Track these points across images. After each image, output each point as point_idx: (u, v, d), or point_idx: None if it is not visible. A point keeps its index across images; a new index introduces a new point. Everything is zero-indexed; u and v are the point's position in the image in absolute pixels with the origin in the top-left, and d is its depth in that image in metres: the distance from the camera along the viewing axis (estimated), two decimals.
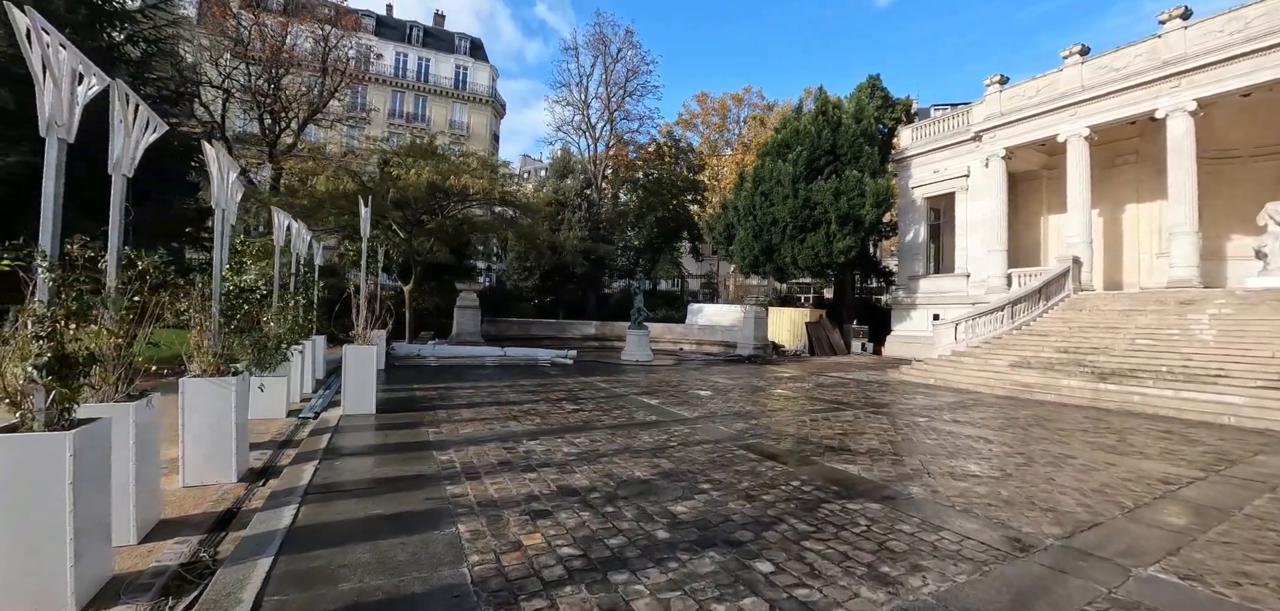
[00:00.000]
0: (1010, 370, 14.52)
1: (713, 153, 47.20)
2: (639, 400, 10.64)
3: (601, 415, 8.98)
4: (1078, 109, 20.71)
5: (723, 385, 13.45)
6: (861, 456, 6.71)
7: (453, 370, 14.74)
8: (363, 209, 8.69)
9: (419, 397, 10.33)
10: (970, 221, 24.52)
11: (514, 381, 12.93)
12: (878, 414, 9.96)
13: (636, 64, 35.58)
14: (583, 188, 28.89)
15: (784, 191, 23.49)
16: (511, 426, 7.91)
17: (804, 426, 8.52)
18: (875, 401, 11.57)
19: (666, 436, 7.49)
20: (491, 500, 4.79)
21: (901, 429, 8.61)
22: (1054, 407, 11.52)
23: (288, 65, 28.30)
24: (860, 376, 16.50)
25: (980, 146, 23.93)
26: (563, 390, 11.74)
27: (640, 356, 18.84)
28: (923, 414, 10.13)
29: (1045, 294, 18.60)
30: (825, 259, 23.03)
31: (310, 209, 14.62)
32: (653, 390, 12.16)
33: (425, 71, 51.66)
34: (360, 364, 8.57)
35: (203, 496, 5.13)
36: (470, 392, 11.00)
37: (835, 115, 24.83)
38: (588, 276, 31.03)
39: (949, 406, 11.16)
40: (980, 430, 8.74)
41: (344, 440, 6.97)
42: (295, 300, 10.23)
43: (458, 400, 10.08)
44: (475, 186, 15.56)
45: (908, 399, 12.11)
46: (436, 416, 8.52)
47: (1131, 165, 23.06)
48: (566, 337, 26.05)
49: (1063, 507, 5.06)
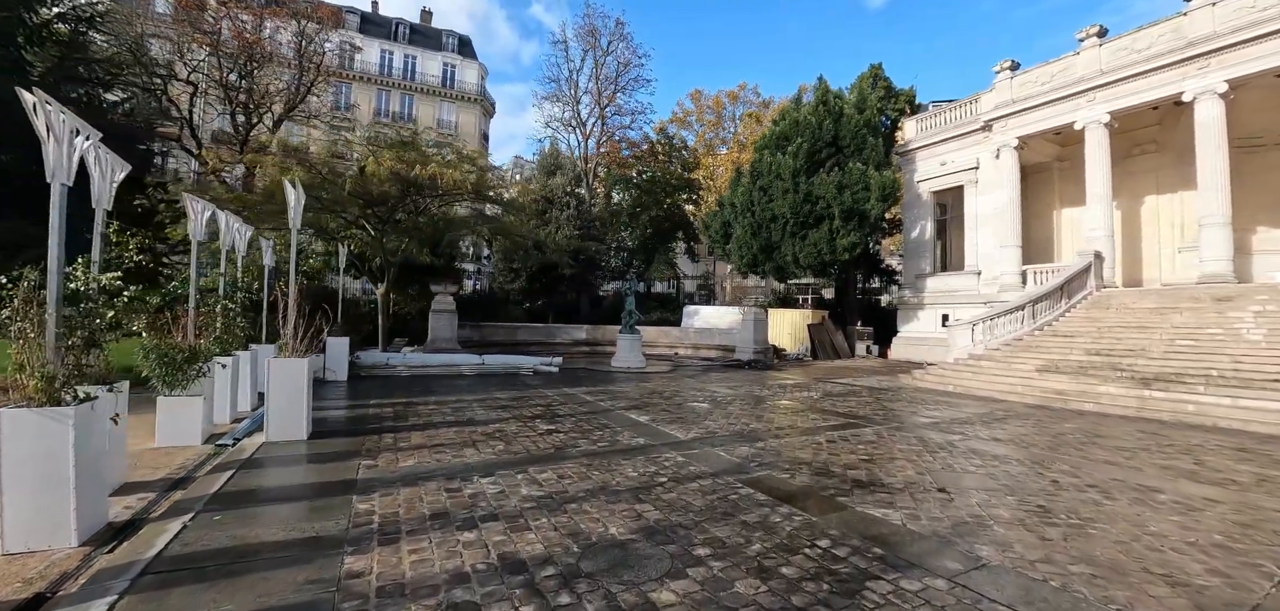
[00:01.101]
0: (1038, 375, 13.18)
1: (708, 151, 45.87)
2: (625, 417, 9.24)
3: (579, 437, 7.57)
4: (1096, 94, 19.45)
5: (722, 396, 12.06)
6: (899, 494, 5.33)
7: (422, 382, 13.30)
8: (291, 193, 7.26)
9: (370, 416, 8.90)
10: (980, 216, 23.23)
11: (488, 394, 11.51)
12: (902, 431, 8.58)
13: (628, 57, 34.30)
14: (571, 184, 27.44)
15: (784, 185, 22.16)
16: (466, 456, 6.49)
17: (820, 450, 7.12)
18: (894, 414, 10.20)
19: (654, 468, 6.09)
20: (399, 584, 3.39)
21: (935, 452, 7.22)
22: (1097, 419, 10.17)
23: (261, 59, 26.87)
24: (871, 383, 15.14)
25: (990, 136, 22.65)
26: (540, 404, 10.33)
27: (632, 363, 17.44)
28: (952, 429, 8.76)
29: (1067, 291, 17.30)
30: (828, 257, 21.70)
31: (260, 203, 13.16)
32: (643, 403, 10.75)
33: (412, 69, 50.21)
34: (287, 381, 7.14)
35: (14, 573, 3.72)
36: (432, 409, 9.57)
37: (836, 105, 23.53)
38: (579, 278, 29.62)
39: (980, 419, 9.80)
40: (1027, 451, 7.37)
41: (249, 479, 5.55)
42: (223, 305, 8.80)
43: (414, 420, 8.66)
44: (447, 177, 14.14)
45: (930, 410, 10.74)
46: (380, 442, 7.10)
47: (1150, 155, 21.83)
48: (555, 343, 24.62)
49: (1191, 577, 3.68)
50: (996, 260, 22.17)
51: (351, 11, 49.69)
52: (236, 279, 9.52)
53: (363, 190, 13.96)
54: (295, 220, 7.33)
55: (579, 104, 34.50)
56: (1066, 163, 23.93)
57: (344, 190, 13.28)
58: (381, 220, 16.04)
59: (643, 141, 38.42)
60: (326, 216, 14.46)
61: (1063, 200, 23.99)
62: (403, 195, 15.22)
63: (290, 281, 7.29)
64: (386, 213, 15.99)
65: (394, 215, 16.26)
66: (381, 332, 17.91)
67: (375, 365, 14.26)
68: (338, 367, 13.19)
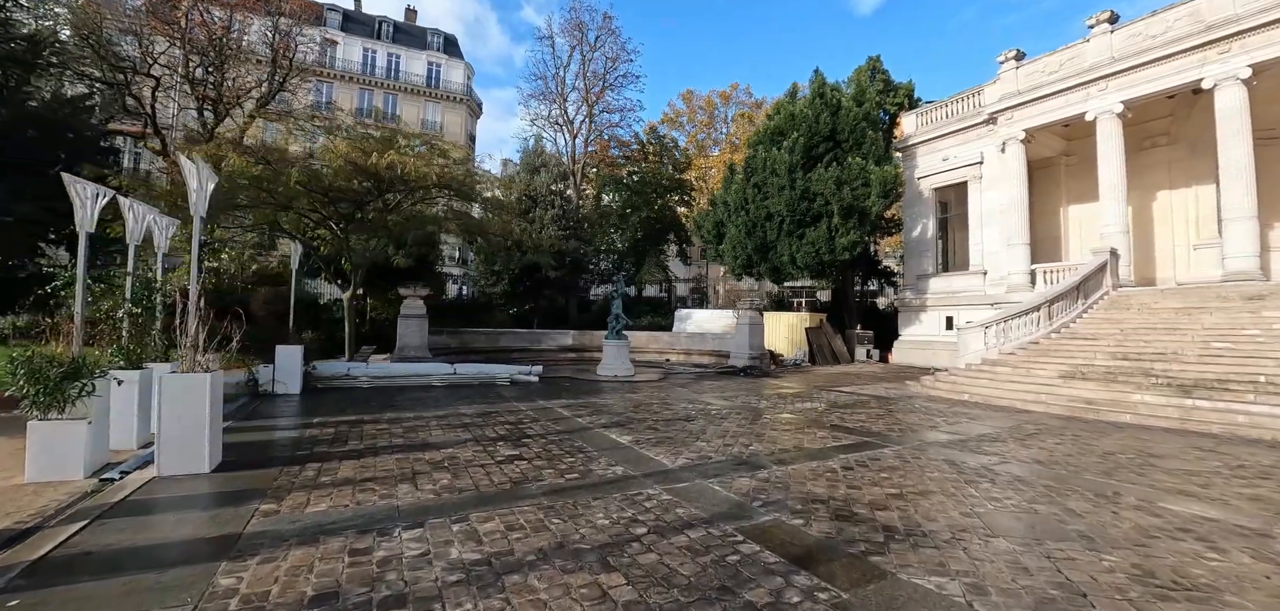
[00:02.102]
0: (1061, 382, 12.02)
1: (700, 152, 44.76)
2: (605, 437, 7.96)
3: (545, 466, 6.28)
4: (1108, 82, 18.44)
5: (716, 409, 10.81)
6: (948, 548, 4.09)
7: (383, 395, 11.96)
8: (192, 174, 5.94)
9: (303, 439, 7.57)
10: (985, 213, 22.16)
11: (452, 410, 10.20)
12: (926, 452, 7.36)
13: (616, 53, 33.10)
14: (556, 182, 26.10)
15: (780, 182, 20.98)
16: (399, 495, 5.20)
17: (836, 481, 5.88)
18: (912, 430, 8.98)
19: (632, 511, 4.82)
20: None
21: (973, 481, 6.00)
22: (1138, 433, 8.99)
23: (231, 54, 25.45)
24: (878, 392, 13.94)
25: (995, 129, 21.61)
26: (508, 422, 9.03)
27: (619, 370, 16.16)
28: (983, 448, 7.54)
29: (1083, 291, 16.20)
30: (827, 257, 20.53)
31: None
32: (627, 418, 9.47)
33: (395, 68, 48.81)
34: (183, 401, 5.82)
35: None
36: (381, 429, 8.25)
37: (834, 98, 22.42)
38: (566, 282, 28.31)
39: (1010, 435, 8.59)
40: (1080, 478, 6.16)
41: (99, 534, 4.24)
42: (127, 309, 7.45)
43: (355, 443, 7.34)
44: (408, 168, 12.79)
45: (950, 424, 9.53)
46: (298, 476, 5.79)
47: (1162, 148, 20.86)
48: (540, 349, 23.31)
49: None
50: (1003, 259, 21.10)
51: (333, 9, 48.29)
52: (150, 280, 8.16)
53: (314, 182, 12.57)
54: (198, 206, 6.01)
55: (566, 102, 33.28)
56: (1073, 157, 22.95)
57: (290, 181, 11.89)
58: (345, 218, 14.69)
59: (633, 141, 37.22)
60: (278, 213, 13.06)
61: (1070, 197, 22.99)
62: (367, 190, 13.89)
63: (191, 279, 5.97)
64: (350, 210, 14.64)
65: (359, 212, 14.91)
66: (348, 339, 16.53)
67: (334, 376, 12.90)
68: (289, 379, 11.84)
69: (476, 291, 28.71)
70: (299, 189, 12.20)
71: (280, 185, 11.94)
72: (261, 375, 11.83)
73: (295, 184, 11.89)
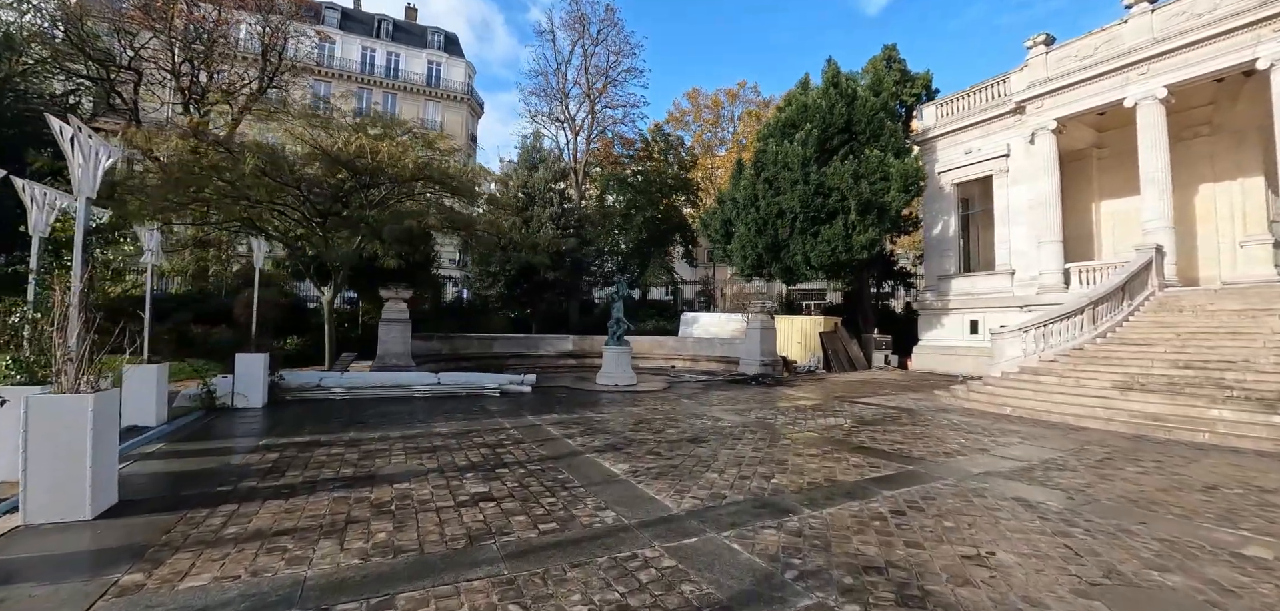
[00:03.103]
0: (1118, 395, 10.63)
1: (706, 152, 43.45)
2: (596, 466, 6.67)
3: (517, 510, 5.00)
4: (1150, 66, 17.03)
5: (728, 425, 9.50)
6: None
7: (353, 409, 10.72)
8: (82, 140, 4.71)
9: (231, 469, 6.32)
10: (1012, 209, 20.75)
11: (426, 428, 8.94)
12: (988, 488, 6.03)
13: (619, 46, 31.91)
14: (555, 179, 24.83)
15: (792, 176, 19.65)
16: (316, 556, 3.93)
17: (890, 536, 4.56)
18: (962, 455, 7.64)
19: (623, 589, 3.53)
20: None
21: (1065, 532, 4.68)
22: (1229, 457, 7.62)
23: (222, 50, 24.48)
24: (905, 404, 12.59)
25: (1023, 120, 20.22)
26: (486, 445, 7.76)
27: (620, 379, 14.87)
28: (1052, 480, 6.21)
29: (1127, 292, 14.79)
30: (844, 256, 19.16)
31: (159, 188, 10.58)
32: (625, 440, 8.18)
33: (395, 67, 47.89)
34: (57, 430, 4.59)
35: None
36: (332, 457, 6.99)
37: (849, 88, 21.08)
38: (567, 284, 27.07)
39: (1079, 461, 7.24)
40: (1197, 527, 4.82)
41: None
42: (27, 314, 6.23)
43: (292, 475, 6.09)
44: (382, 152, 11.52)
45: (1003, 444, 8.18)
46: (201, 525, 4.53)
47: (1204, 139, 19.42)
48: (538, 355, 22.05)
49: None
50: (1033, 258, 19.68)
51: (332, 7, 47.44)
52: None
53: (275, 170, 11.31)
54: (83, 185, 4.78)
55: (568, 99, 32.07)
56: (1105, 149, 21.54)
57: (246, 167, 10.64)
58: (322, 213, 13.49)
59: (637, 139, 35.99)
60: (240, 206, 11.80)
61: (1102, 192, 21.57)
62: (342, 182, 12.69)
63: (74, 276, 4.74)
64: (327, 204, 13.43)
65: (338, 208, 13.70)
66: (328, 346, 15.33)
67: (304, 387, 11.67)
68: (250, 391, 10.62)
69: (473, 294, 27.49)
70: (259, 178, 10.92)
71: (238, 174, 10.69)
72: (221, 387, 10.62)
73: (252, 172, 10.61)
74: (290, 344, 19.73)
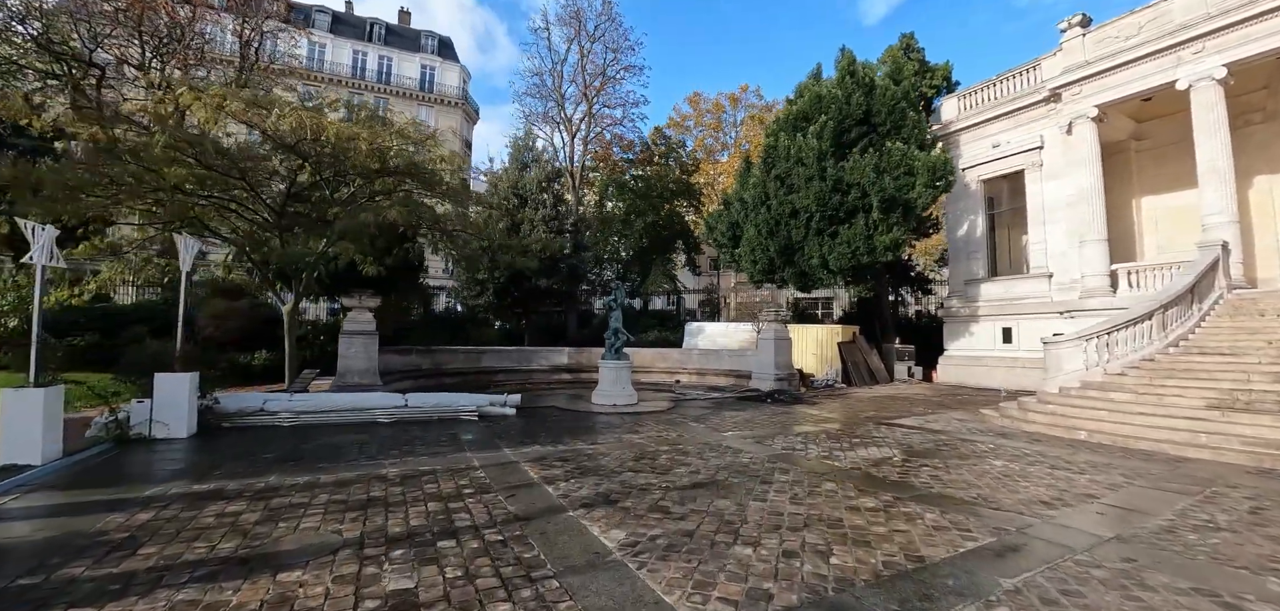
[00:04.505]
0: (1217, 416, 8.79)
1: (708, 158, 41.80)
2: (579, 534, 4.85)
3: None
4: (1204, 43, 15.34)
5: (751, 461, 7.67)
6: None
7: (295, 440, 8.91)
8: None
9: (81, 537, 4.50)
10: (1047, 206, 18.97)
11: (371, 467, 7.12)
12: (1137, 556, 4.20)
13: (618, 43, 30.29)
14: (547, 180, 23.06)
15: (807, 171, 17.90)
16: None
17: None
18: (1066, 506, 5.81)
19: None
20: None
21: None
22: None
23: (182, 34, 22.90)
24: (951, 426, 10.75)
25: (1058, 108, 18.51)
26: (440, 495, 5.95)
27: (618, 399, 13.03)
28: (1219, 550, 4.38)
29: (1196, 294, 12.98)
30: (865, 258, 17.37)
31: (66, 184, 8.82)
32: (621, 488, 6.36)
33: (387, 72, 46.46)
34: None
35: None
36: (226, 518, 5.18)
37: (867, 76, 19.39)
38: (563, 293, 25.26)
39: (1220, 508, 5.40)
40: None
41: None
42: None
43: (152, 548, 4.28)
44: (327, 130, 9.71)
45: (1111, 484, 6.35)
46: None
47: (1257, 126, 17.68)
48: (530, 370, 20.25)
49: None
50: (1073, 259, 17.89)
51: (322, 11, 46.07)
52: None
53: (201, 153, 9.50)
54: None
55: (564, 99, 30.44)
56: (1145, 141, 19.80)
57: (155, 146, 8.81)
58: (276, 210, 11.74)
59: (637, 142, 34.34)
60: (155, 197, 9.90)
61: (1142, 187, 19.79)
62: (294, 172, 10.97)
63: None
64: (281, 201, 11.69)
65: (295, 205, 11.95)
66: (288, 362, 13.53)
67: (244, 412, 9.86)
68: (173, 419, 8.83)
69: (461, 304, 25.69)
70: (174, 159, 9.03)
71: (151, 158, 8.89)
72: (137, 413, 8.83)
73: (164, 151, 8.77)
74: (259, 358, 17.95)
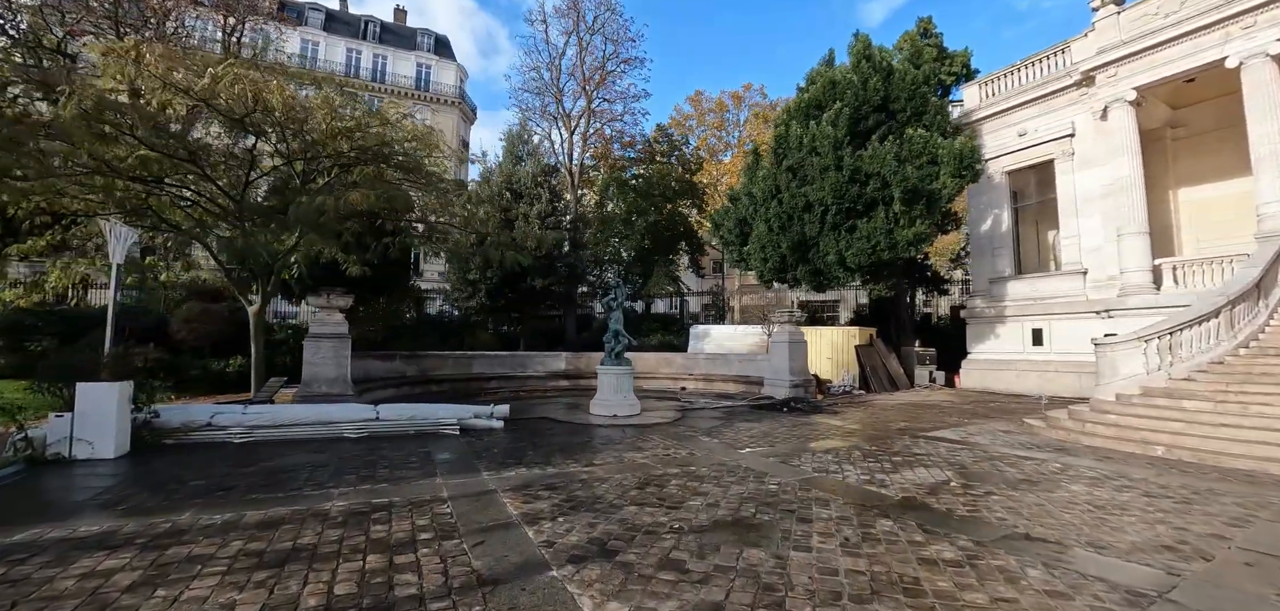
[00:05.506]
0: None
1: (711, 158, 40.56)
2: (562, 607, 3.55)
3: None
4: (1256, 17, 14.06)
5: (779, 488, 6.37)
6: None
7: (241, 459, 7.62)
8: None
9: None
10: (1080, 197, 17.65)
11: (316, 499, 5.84)
12: None
13: (618, 34, 29.08)
14: (543, 175, 21.75)
15: (823, 161, 16.61)
16: None
17: None
18: (1200, 556, 4.50)
19: None
20: None
21: None
22: None
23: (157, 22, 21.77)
24: (998, 441, 9.43)
25: (1092, 92, 17.21)
26: (387, 543, 4.66)
27: (618, 409, 11.72)
28: None
29: (1262, 290, 11.66)
30: (886, 253, 16.06)
31: None
32: (621, 530, 5.07)
33: (382, 71, 45.36)
34: None
35: None
36: (92, 581, 3.90)
37: (884, 61, 18.12)
38: (561, 295, 24.00)
39: None
40: None
41: None
42: None
43: None
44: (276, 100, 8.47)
45: (1236, 526, 5.03)
46: None
47: None
48: (525, 376, 18.97)
49: None
50: (1109, 254, 16.56)
51: (316, 9, 45.00)
52: None
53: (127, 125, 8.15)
54: None
55: (562, 94, 29.24)
56: (1182, 128, 18.48)
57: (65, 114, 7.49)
58: (234, 198, 10.50)
59: (638, 139, 33.11)
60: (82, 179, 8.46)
61: (1178, 178, 18.46)
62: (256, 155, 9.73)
63: None
64: (239, 187, 10.44)
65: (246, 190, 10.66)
66: (254, 369, 12.27)
67: (189, 426, 8.59)
68: (99, 436, 7.56)
69: (452, 305, 24.41)
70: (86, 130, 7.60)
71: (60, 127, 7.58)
72: (56, 429, 7.56)
73: (74, 120, 7.43)
74: (234, 364, 16.68)
